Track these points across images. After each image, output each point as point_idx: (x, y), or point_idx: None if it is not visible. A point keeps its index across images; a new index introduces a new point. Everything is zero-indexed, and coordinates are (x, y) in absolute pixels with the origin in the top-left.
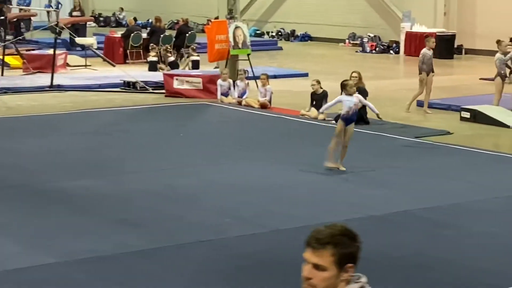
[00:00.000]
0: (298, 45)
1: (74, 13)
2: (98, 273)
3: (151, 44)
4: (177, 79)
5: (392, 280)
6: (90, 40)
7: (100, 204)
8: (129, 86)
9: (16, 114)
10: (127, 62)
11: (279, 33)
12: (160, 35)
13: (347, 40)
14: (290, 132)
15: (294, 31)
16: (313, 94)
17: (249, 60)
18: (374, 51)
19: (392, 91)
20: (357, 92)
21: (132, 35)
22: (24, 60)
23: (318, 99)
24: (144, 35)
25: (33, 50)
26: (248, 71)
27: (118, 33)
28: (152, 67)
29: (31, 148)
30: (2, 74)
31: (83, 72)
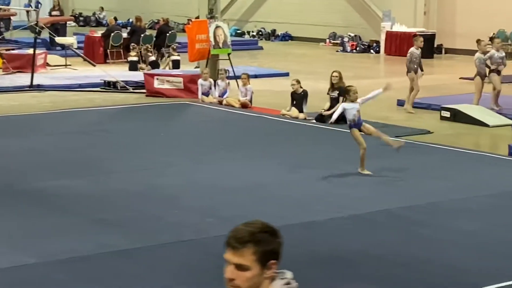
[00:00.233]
0: (279, 44)
1: (54, 12)
2: (79, 273)
3: (132, 44)
4: (157, 79)
5: (371, 279)
6: (70, 39)
7: (80, 204)
8: (109, 86)
9: None
10: (108, 61)
11: (260, 32)
12: (140, 35)
13: (327, 40)
14: (271, 131)
15: (275, 30)
16: (293, 94)
17: (229, 59)
18: (354, 51)
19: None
20: (337, 92)
21: (112, 34)
22: (4, 60)
23: (298, 99)
24: (124, 35)
25: (12, 49)
26: (228, 71)
27: (98, 32)
28: (133, 66)
29: (11, 148)
30: None
31: (63, 72)
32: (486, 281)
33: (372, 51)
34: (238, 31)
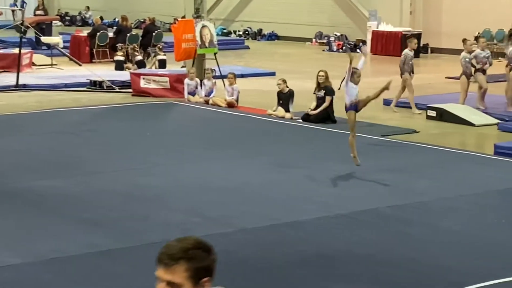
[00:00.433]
0: (265, 44)
1: (38, 11)
2: (65, 273)
3: (119, 44)
4: (144, 78)
5: (359, 278)
6: (55, 39)
7: (66, 204)
8: (95, 86)
9: None
10: (94, 61)
11: (246, 32)
12: (126, 34)
13: (314, 39)
14: (257, 131)
15: (261, 30)
16: (279, 93)
17: (216, 59)
18: (340, 50)
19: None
20: (324, 92)
21: (98, 34)
22: None
23: (284, 98)
24: (110, 34)
25: None
26: (215, 70)
27: (84, 32)
28: (119, 66)
29: None
30: None
31: (49, 72)
32: (471, 280)
33: (358, 50)
34: (225, 31)
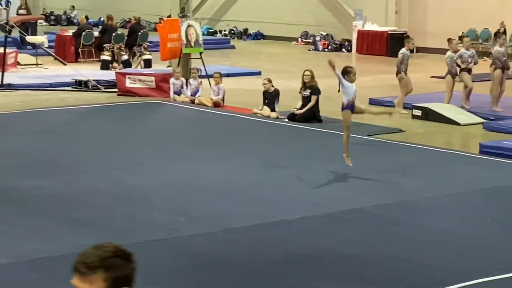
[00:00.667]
0: (251, 43)
1: (20, 11)
2: (51, 273)
3: (107, 44)
4: (129, 78)
5: (344, 277)
6: (41, 38)
7: (52, 203)
8: (81, 85)
9: None
10: (79, 60)
11: (232, 31)
12: (112, 34)
13: (299, 39)
14: (243, 130)
15: (247, 29)
16: (265, 93)
17: (201, 58)
18: (326, 50)
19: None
20: (309, 91)
21: (83, 33)
22: None
23: (270, 98)
24: (95, 34)
25: None
26: (201, 70)
27: (70, 31)
28: (105, 66)
29: None
30: None
31: (34, 71)
32: (457, 278)
33: (344, 50)
34: (210, 30)
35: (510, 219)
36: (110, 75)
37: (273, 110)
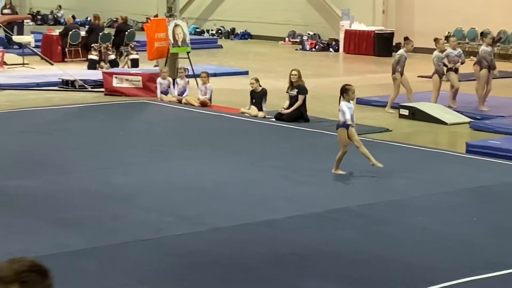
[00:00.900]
0: (238, 43)
1: (5, 10)
2: None
3: (95, 44)
4: (116, 78)
5: (330, 277)
6: (27, 38)
7: (38, 203)
8: (67, 85)
9: None
10: (66, 60)
11: (219, 31)
12: (99, 33)
13: (287, 38)
14: (231, 130)
15: (234, 29)
16: (252, 92)
17: (189, 58)
18: (314, 49)
19: (331, 89)
20: (297, 91)
21: (70, 33)
22: None
23: (257, 97)
24: (82, 33)
25: None
26: (188, 69)
27: (56, 31)
28: (92, 65)
29: None
30: None
31: (20, 71)
32: (443, 277)
33: (331, 49)
34: (197, 30)
35: (496, 218)
36: (97, 74)
37: (260, 109)
